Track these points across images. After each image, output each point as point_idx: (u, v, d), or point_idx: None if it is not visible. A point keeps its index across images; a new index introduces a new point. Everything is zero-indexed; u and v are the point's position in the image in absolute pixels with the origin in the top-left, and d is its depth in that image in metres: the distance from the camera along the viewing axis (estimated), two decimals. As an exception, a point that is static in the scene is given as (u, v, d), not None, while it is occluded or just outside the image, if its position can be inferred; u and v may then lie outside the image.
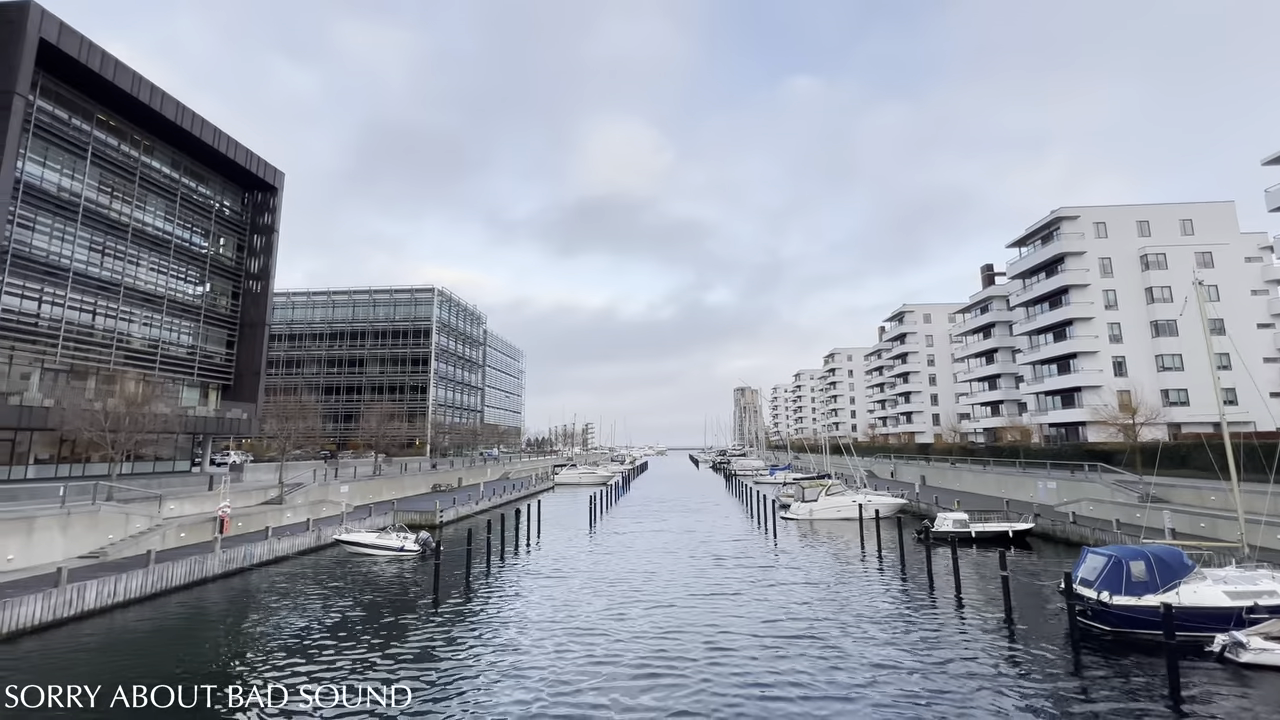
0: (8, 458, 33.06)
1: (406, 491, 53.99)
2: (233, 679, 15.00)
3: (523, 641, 17.81)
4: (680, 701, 13.43)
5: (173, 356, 42.45)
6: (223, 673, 15.53)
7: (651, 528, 42.25)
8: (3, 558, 21.59)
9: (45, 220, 34.05)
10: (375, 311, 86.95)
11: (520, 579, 26.37)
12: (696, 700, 13.48)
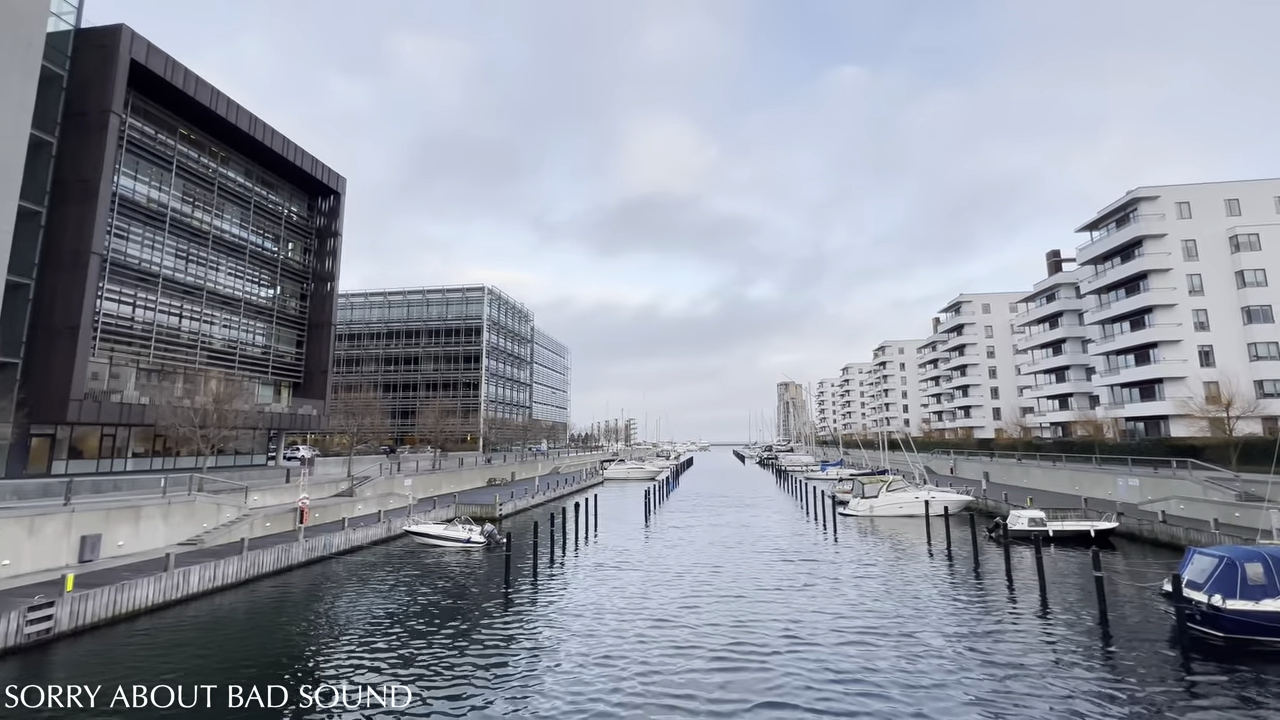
0: (110, 451, 35.63)
1: (464, 485, 55.48)
2: (324, 663, 15.77)
3: (601, 630, 18.08)
4: (767, 691, 13.37)
5: (249, 356, 44.80)
6: (312, 657, 16.34)
7: (707, 522, 42.17)
8: (115, 543, 23.29)
9: (137, 230, 36.42)
10: (428, 311, 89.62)
11: (587, 570, 26.76)
12: (783, 690, 13.40)
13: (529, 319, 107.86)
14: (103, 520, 23.03)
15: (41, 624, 16.34)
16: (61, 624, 16.85)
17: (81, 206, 31.28)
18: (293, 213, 50.40)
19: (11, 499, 23.77)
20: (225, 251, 43.09)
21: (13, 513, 20.45)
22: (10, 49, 27.32)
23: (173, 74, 36.09)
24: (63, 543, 21.58)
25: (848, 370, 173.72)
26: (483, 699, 13.19)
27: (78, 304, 30.48)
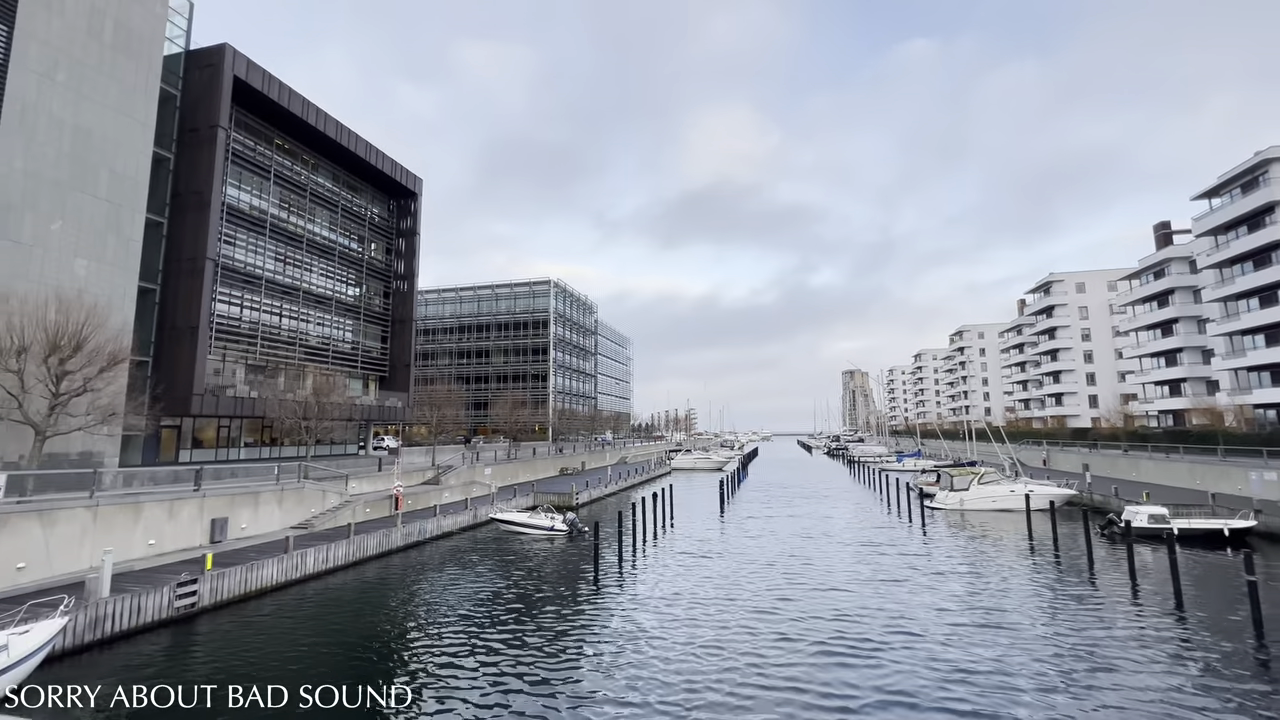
0: (225, 441, 38.71)
1: (538, 474, 56.87)
2: (431, 645, 16.42)
3: (703, 618, 18.02)
4: (885, 688, 12.85)
5: (340, 352, 47.46)
6: (420, 638, 17.04)
7: (785, 513, 41.36)
8: (238, 526, 25.24)
9: (242, 236, 39.15)
10: (497, 305, 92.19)
11: (672, 559, 26.77)
12: (903, 687, 12.86)
13: (593, 311, 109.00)
14: (228, 505, 25.00)
15: (187, 599, 17.88)
16: (204, 599, 18.38)
17: (197, 216, 33.88)
18: (374, 214, 52.81)
19: (149, 484, 26.19)
20: (317, 253, 45.69)
21: (154, 497, 22.49)
22: (135, 73, 29.79)
23: (268, 87, 38.39)
24: (196, 525, 23.58)
25: (921, 357, 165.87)
26: (597, 687, 13.34)
27: (197, 306, 33.10)
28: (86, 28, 27.79)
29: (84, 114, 27.50)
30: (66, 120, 26.84)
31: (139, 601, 16.65)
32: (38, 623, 13.24)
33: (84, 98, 27.52)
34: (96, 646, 15.55)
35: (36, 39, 25.82)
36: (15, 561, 17.93)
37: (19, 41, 25.22)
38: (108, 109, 28.48)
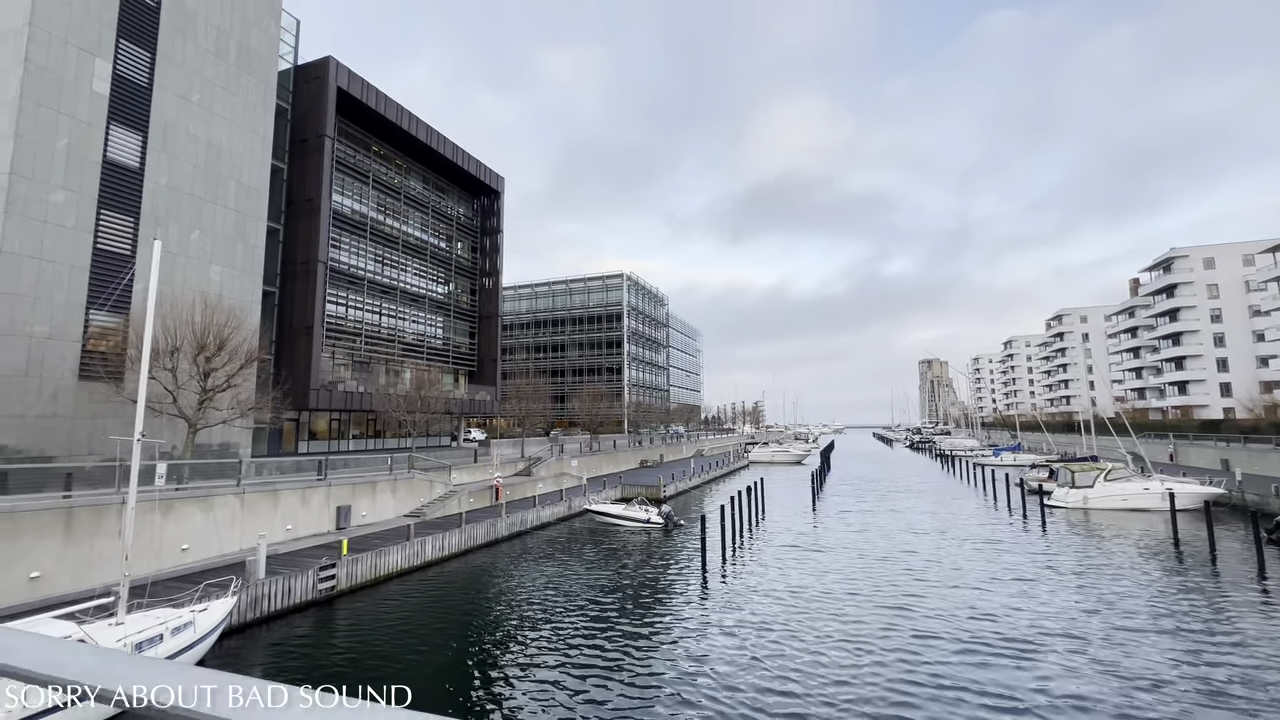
0: (336, 434, 41.15)
1: (620, 467, 57.22)
2: (549, 634, 16.50)
3: (830, 611, 17.26)
4: (1052, 685, 11.72)
5: (433, 348, 49.41)
6: (537, 627, 17.18)
7: (884, 507, 39.56)
8: (359, 514, 26.62)
9: (346, 240, 41.31)
10: (571, 299, 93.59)
11: (777, 552, 26.06)
12: (1068, 687, 11.70)
13: (664, 303, 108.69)
14: (350, 493, 26.41)
15: (327, 582, 18.92)
16: (341, 583, 19.41)
17: (309, 222, 35.97)
18: (460, 214, 54.53)
19: (276, 474, 28.11)
20: (411, 253, 47.66)
21: (290, 486, 24.03)
22: (255, 90, 31.83)
23: (367, 95, 40.19)
24: (324, 512, 25.03)
25: (1011, 344, 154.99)
26: (745, 678, 12.93)
27: (311, 306, 35.19)
28: (214, 49, 29.89)
29: (214, 130, 29.64)
30: (200, 137, 29.02)
31: (289, 584, 17.74)
32: (213, 601, 14.27)
33: (214, 115, 29.65)
34: (256, 625, 16.68)
35: (174, 63, 28.00)
36: (180, 543, 19.57)
37: (160, 66, 27.43)
38: (234, 124, 30.58)
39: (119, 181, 25.73)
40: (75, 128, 24.28)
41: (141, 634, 11.98)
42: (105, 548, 17.71)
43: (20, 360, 22.32)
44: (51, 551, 16.48)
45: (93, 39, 25.04)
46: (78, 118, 24.36)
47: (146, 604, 13.49)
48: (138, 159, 26.49)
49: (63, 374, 23.49)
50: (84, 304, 24.31)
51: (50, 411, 23.15)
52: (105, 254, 25.11)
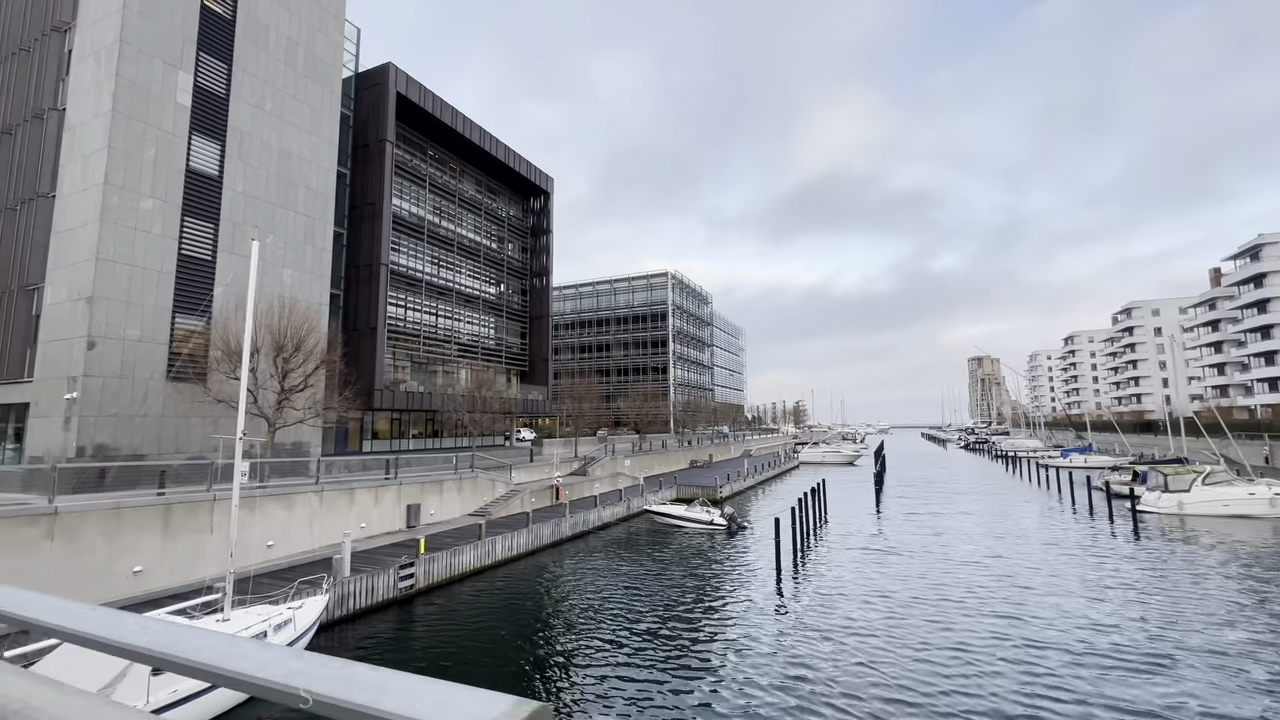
0: (396, 433, 41.94)
1: (671, 467, 56.63)
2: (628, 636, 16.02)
3: (925, 617, 16.27)
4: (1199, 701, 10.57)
5: (487, 348, 49.92)
6: (617, 630, 16.74)
7: (953, 510, 37.85)
8: (428, 512, 26.85)
9: (405, 242, 42.06)
10: (615, 299, 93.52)
11: (849, 556, 25.04)
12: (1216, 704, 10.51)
13: (708, 302, 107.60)
14: (419, 492, 26.66)
15: (407, 580, 18.98)
16: (419, 582, 19.46)
17: (371, 225, 36.69)
18: (511, 215, 54.98)
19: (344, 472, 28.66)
20: (465, 255, 48.25)
21: (364, 484, 24.37)
22: (321, 97, 32.61)
23: (424, 100, 40.80)
24: (395, 510, 25.32)
25: (1073, 340, 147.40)
26: (857, 689, 12.18)
27: (374, 308, 35.88)
28: (284, 59, 30.73)
29: (285, 138, 30.47)
30: (272, 144, 29.86)
31: (372, 582, 17.86)
32: (308, 599, 14.37)
33: (285, 123, 30.48)
34: (343, 623, 16.81)
35: (248, 72, 28.89)
36: (265, 540, 19.98)
37: (236, 76, 28.33)
38: (302, 131, 31.38)
39: (200, 189, 26.66)
40: (161, 138, 25.25)
41: (247, 630, 12.08)
42: (198, 543, 18.21)
43: (116, 362, 23.30)
44: (151, 547, 17.00)
45: (176, 53, 26.00)
46: (163, 129, 25.33)
47: (248, 600, 13.66)
48: (216, 167, 27.41)
49: (152, 375, 24.45)
50: (170, 308, 25.26)
51: (141, 411, 24.10)
52: (189, 259, 26.04)
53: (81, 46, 25.65)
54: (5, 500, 18.52)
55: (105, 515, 16.17)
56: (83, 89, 25.10)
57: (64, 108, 25.76)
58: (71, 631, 0.98)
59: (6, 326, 25.60)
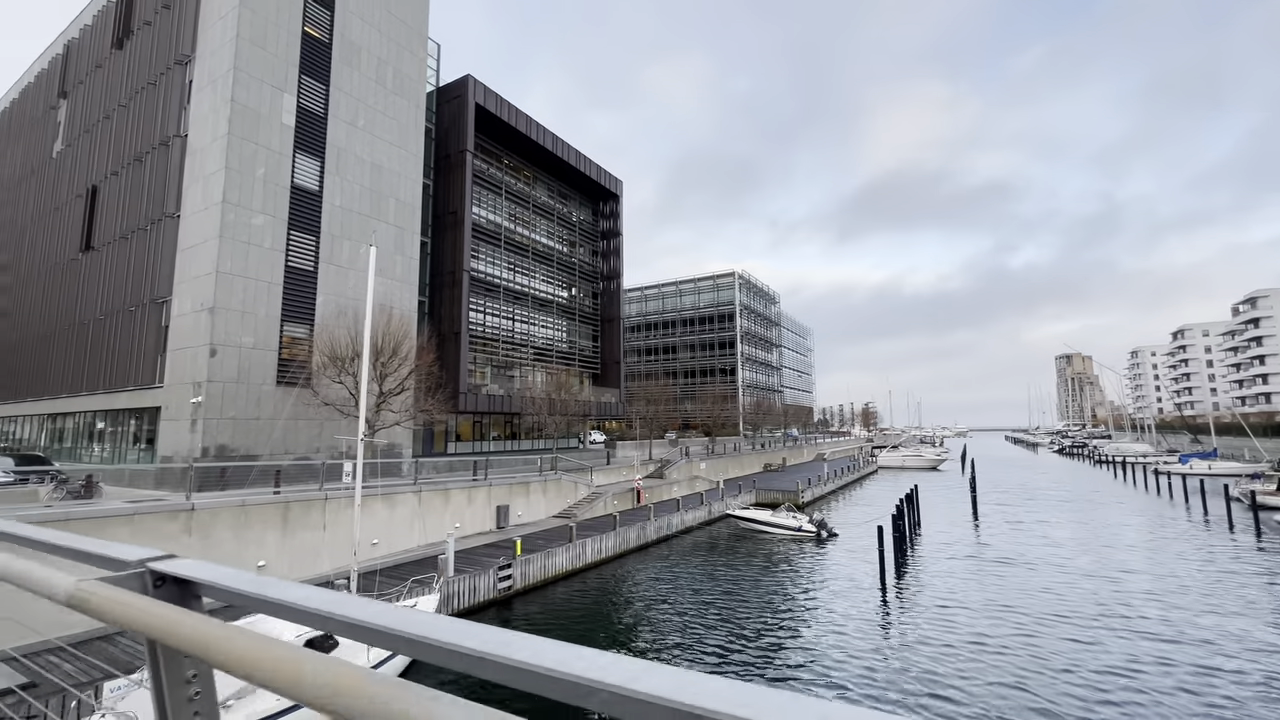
0: (477, 435, 43.02)
1: (745, 470, 55.45)
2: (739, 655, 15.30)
3: (1059, 635, 14.73)
4: None
5: (561, 351, 50.49)
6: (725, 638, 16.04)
7: (1060, 518, 34.83)
8: (516, 513, 27.17)
9: (484, 249, 43.15)
10: (681, 300, 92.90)
11: (956, 565, 23.34)
12: None
13: (775, 301, 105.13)
14: (507, 494, 27.03)
15: (505, 581, 19.10)
16: (516, 583, 19.55)
17: (454, 233, 37.81)
18: (582, 219, 55.51)
19: (432, 473, 29.48)
20: (539, 260, 49.05)
21: (457, 485, 24.93)
22: (408, 112, 33.89)
23: (500, 109, 41.76)
24: (486, 511, 25.75)
25: (1184, 334, 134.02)
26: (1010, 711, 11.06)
27: (458, 314, 36.91)
28: (375, 77, 32.13)
29: (377, 152, 31.83)
30: (365, 159, 31.25)
31: (474, 582, 18.05)
32: (422, 597, 14.60)
33: (376, 138, 31.85)
34: (448, 621, 17.02)
35: (344, 92, 30.37)
36: (371, 538, 20.68)
37: (333, 96, 29.83)
38: (392, 145, 32.70)
39: (303, 204, 28.18)
40: (270, 157, 26.86)
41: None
42: (313, 539, 19.02)
43: (233, 368, 24.90)
44: (273, 542, 17.87)
45: (281, 77, 27.63)
46: (271, 148, 26.94)
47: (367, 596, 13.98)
48: (317, 182, 28.91)
49: (264, 380, 25.97)
50: (279, 316, 26.78)
51: (255, 414, 25.64)
52: (294, 270, 27.55)
53: (200, 76, 27.71)
54: (144, 496, 20.05)
55: (233, 512, 17.13)
56: (202, 116, 27.10)
57: (186, 134, 27.91)
58: (275, 601, 1.05)
59: (141, 337, 27.93)
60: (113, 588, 1.12)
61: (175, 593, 1.23)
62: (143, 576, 1.22)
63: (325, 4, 30.03)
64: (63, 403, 33.07)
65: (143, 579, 1.22)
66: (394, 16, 33.60)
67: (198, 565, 1.27)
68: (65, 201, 36.27)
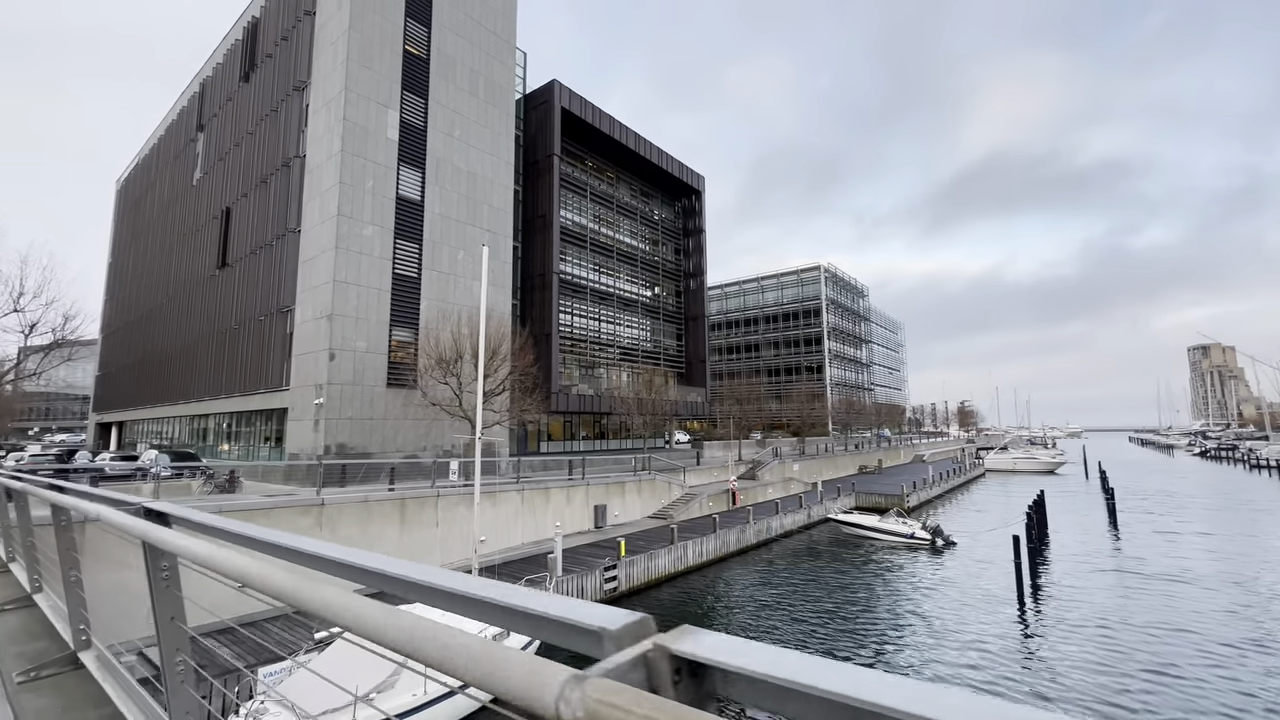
0: (567, 435, 43.61)
1: (840, 472, 52.97)
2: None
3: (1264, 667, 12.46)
4: None
5: (645, 351, 50.31)
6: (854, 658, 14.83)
7: (1223, 529, 30.28)
8: (612, 513, 27.03)
9: (571, 251, 43.69)
10: (764, 297, 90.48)
11: (1102, 579, 20.67)
12: None
13: (864, 295, 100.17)
14: (604, 493, 26.95)
15: (611, 583, 18.84)
16: (621, 584, 19.26)
17: (543, 237, 38.49)
18: (664, 218, 55.14)
19: (528, 472, 29.94)
20: (623, 260, 49.13)
21: (557, 484, 25.10)
22: (499, 120, 34.81)
23: (585, 112, 42.13)
24: (585, 510, 25.77)
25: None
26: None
27: (548, 315, 37.50)
28: (468, 88, 33.23)
29: (471, 161, 32.88)
30: (461, 168, 32.36)
31: (581, 582, 17.90)
32: (536, 598, 14.53)
33: (470, 147, 32.92)
34: (558, 621, 16.95)
35: (441, 104, 31.58)
36: (478, 536, 21.10)
37: (431, 109, 31.10)
38: (484, 153, 33.69)
39: (407, 214, 29.52)
40: (377, 171, 28.33)
41: (494, 627, 12.27)
42: (426, 536, 19.64)
43: (349, 371, 26.40)
44: (392, 538, 18.58)
45: (386, 94, 29.09)
46: (378, 162, 28.40)
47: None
48: (419, 192, 30.20)
49: (376, 382, 27.38)
50: (388, 322, 28.17)
51: (369, 414, 27.08)
52: (400, 277, 28.91)
53: (315, 99, 29.70)
54: (276, 491, 21.53)
55: (357, 507, 17.94)
56: (317, 136, 29.01)
57: (304, 154, 30.01)
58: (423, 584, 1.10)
59: (270, 344, 30.31)
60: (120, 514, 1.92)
61: (157, 519, 2.02)
62: (138, 510, 2.03)
63: (422, 21, 31.36)
64: (204, 405, 36.62)
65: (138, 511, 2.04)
66: (484, 28, 34.62)
67: (169, 505, 1.99)
68: (203, 223, 40.25)
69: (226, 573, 1.49)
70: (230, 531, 1.84)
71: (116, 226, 60.67)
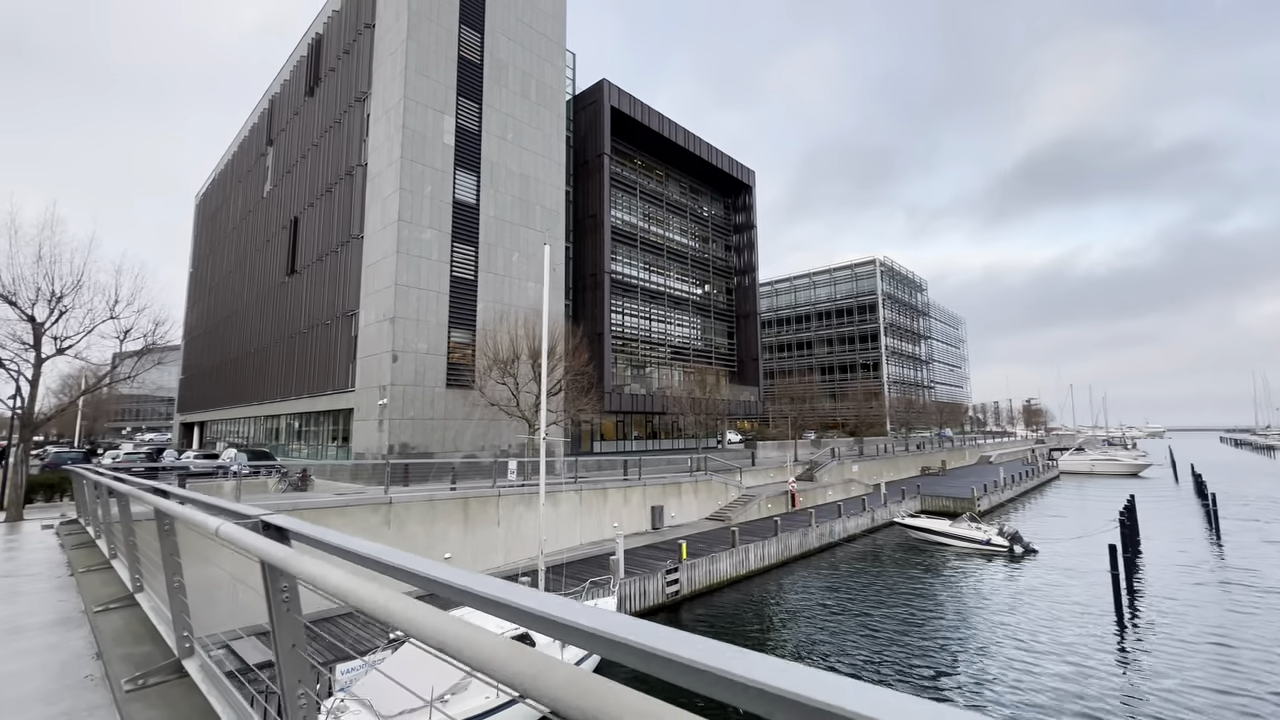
0: (620, 435, 43.53)
1: (901, 473, 50.91)
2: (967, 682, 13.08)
3: None
4: None
5: (697, 349, 49.69)
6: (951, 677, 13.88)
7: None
8: (669, 514, 26.66)
9: (621, 251, 43.58)
10: (816, 293, 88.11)
11: (1211, 594, 18.79)
12: None
13: (922, 289, 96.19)
14: (661, 494, 26.61)
15: (673, 586, 18.47)
16: (683, 587, 18.85)
17: (594, 236, 38.49)
18: (714, 214, 54.35)
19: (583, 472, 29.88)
20: (673, 258, 48.67)
21: (614, 485, 24.93)
22: (550, 121, 35.00)
23: (634, 110, 41.92)
24: (642, 511, 25.49)
25: None
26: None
27: (600, 315, 37.47)
28: (520, 91, 33.54)
29: (524, 163, 33.17)
30: (514, 170, 32.68)
31: (643, 585, 17.62)
32: (601, 598, 14.33)
33: (523, 149, 33.21)
34: (622, 623, 16.70)
35: (494, 108, 31.98)
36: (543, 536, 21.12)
37: (485, 113, 31.53)
38: (536, 155, 33.93)
39: (463, 217, 30.01)
40: (434, 176, 28.91)
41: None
42: (489, 535, 19.77)
43: (411, 372, 27.02)
44: (456, 537, 18.80)
45: (442, 100, 29.65)
46: (435, 167, 28.98)
47: (551, 597, 13.95)
48: (474, 196, 30.66)
49: (436, 383, 27.92)
50: (447, 324, 28.69)
51: (429, 415, 27.64)
52: (458, 280, 29.41)
53: (375, 109, 30.59)
54: (345, 489, 22.18)
55: (423, 507, 18.22)
56: (378, 144, 29.86)
57: (365, 163, 30.96)
58: (475, 593, 1.21)
59: (336, 347, 31.43)
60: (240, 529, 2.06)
61: (275, 534, 2.08)
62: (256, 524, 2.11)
63: (475, 27, 31.83)
64: (276, 405, 38.40)
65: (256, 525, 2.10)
66: (535, 31, 34.88)
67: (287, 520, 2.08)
68: (274, 233, 42.25)
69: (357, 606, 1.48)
70: (353, 552, 1.71)
71: (196, 239, 64.65)
